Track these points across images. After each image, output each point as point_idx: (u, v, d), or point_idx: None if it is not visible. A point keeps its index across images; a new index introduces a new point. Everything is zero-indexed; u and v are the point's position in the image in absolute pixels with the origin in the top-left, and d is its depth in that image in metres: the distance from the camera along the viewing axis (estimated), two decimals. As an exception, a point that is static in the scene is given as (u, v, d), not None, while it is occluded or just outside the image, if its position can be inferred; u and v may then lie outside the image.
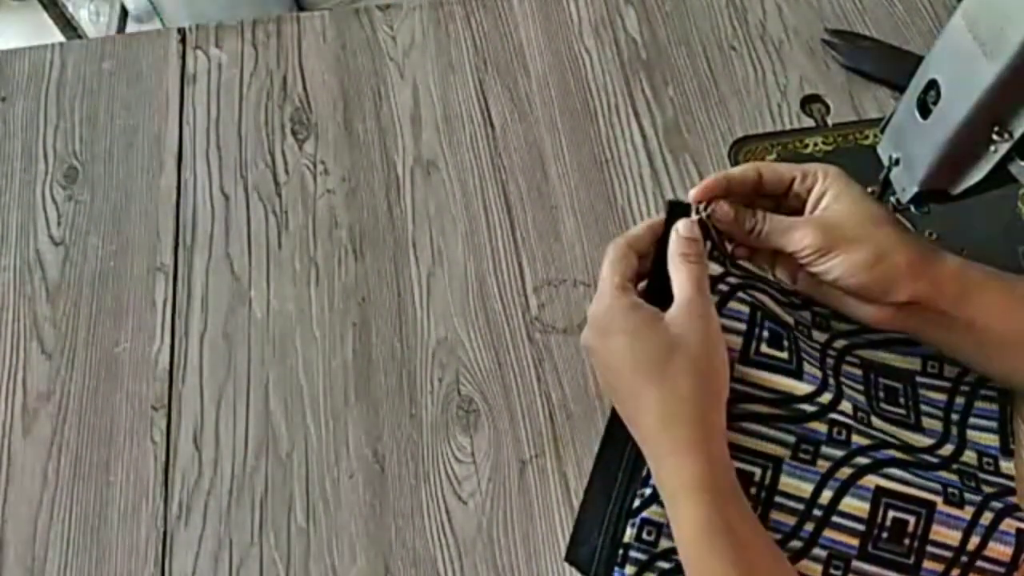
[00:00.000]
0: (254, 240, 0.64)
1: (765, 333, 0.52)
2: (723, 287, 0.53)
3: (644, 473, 0.51)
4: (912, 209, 0.54)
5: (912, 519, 0.49)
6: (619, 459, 0.52)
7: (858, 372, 0.54)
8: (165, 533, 0.54)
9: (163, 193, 0.66)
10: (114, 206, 0.65)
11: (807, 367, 0.52)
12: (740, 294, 0.53)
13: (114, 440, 0.57)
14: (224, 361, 0.59)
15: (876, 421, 0.52)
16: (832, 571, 0.49)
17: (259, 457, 0.56)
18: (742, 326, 0.52)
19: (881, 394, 0.54)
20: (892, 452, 0.51)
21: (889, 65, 0.68)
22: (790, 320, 0.54)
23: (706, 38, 0.71)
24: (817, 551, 0.49)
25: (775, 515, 0.50)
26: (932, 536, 0.49)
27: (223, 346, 0.60)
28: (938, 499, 0.49)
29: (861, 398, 0.53)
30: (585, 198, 0.64)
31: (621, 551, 0.50)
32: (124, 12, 1.68)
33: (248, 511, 0.54)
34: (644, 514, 0.50)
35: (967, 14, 0.45)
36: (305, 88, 0.70)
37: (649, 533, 0.50)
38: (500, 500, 0.54)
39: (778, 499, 0.50)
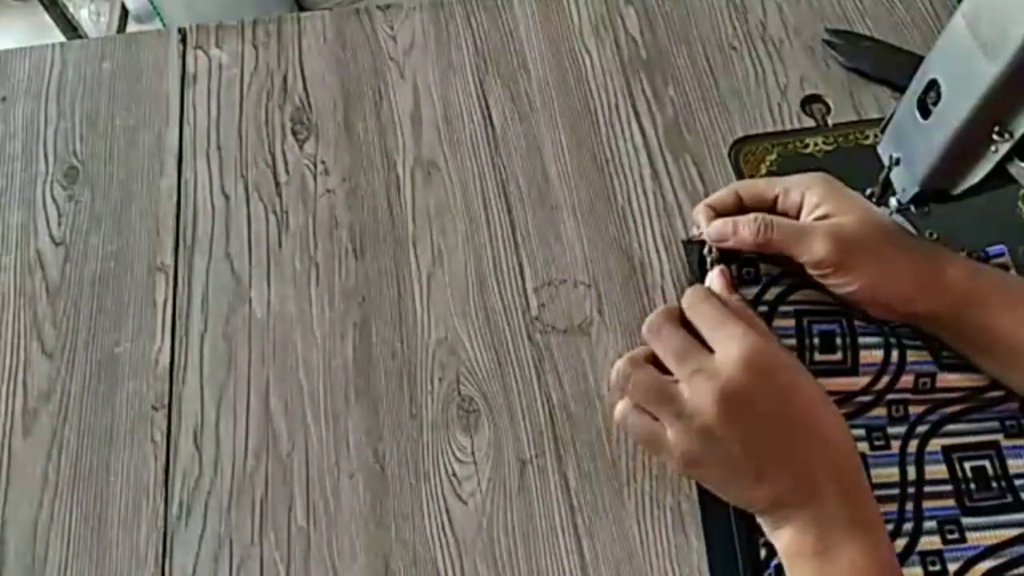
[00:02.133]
0: (254, 240, 0.64)
1: (816, 340, 0.53)
2: (763, 308, 0.55)
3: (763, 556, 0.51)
4: (912, 209, 0.54)
5: (987, 462, 0.52)
6: (728, 525, 0.51)
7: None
8: (165, 533, 0.54)
9: (163, 193, 0.66)
10: (114, 206, 0.65)
11: (863, 355, 0.53)
12: (782, 308, 0.54)
13: (114, 440, 0.57)
14: (224, 361, 0.59)
15: (941, 377, 0.53)
16: (948, 536, 0.51)
17: (259, 457, 0.56)
18: (792, 341, 0.54)
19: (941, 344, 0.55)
20: (946, 409, 0.53)
21: (889, 65, 0.68)
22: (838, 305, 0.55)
23: (706, 38, 0.71)
24: (928, 524, 0.51)
25: (881, 507, 0.51)
26: (1011, 471, 0.51)
27: (223, 346, 0.60)
28: (999, 436, 0.52)
29: (925, 355, 0.54)
30: (585, 198, 0.64)
31: None
32: (124, 12, 1.68)
33: (248, 511, 0.54)
34: (775, 561, 0.50)
35: (967, 14, 0.45)
36: (305, 88, 0.70)
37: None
38: (500, 500, 0.54)
39: (877, 492, 0.50)
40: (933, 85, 0.48)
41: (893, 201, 0.54)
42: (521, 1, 0.74)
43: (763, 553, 0.50)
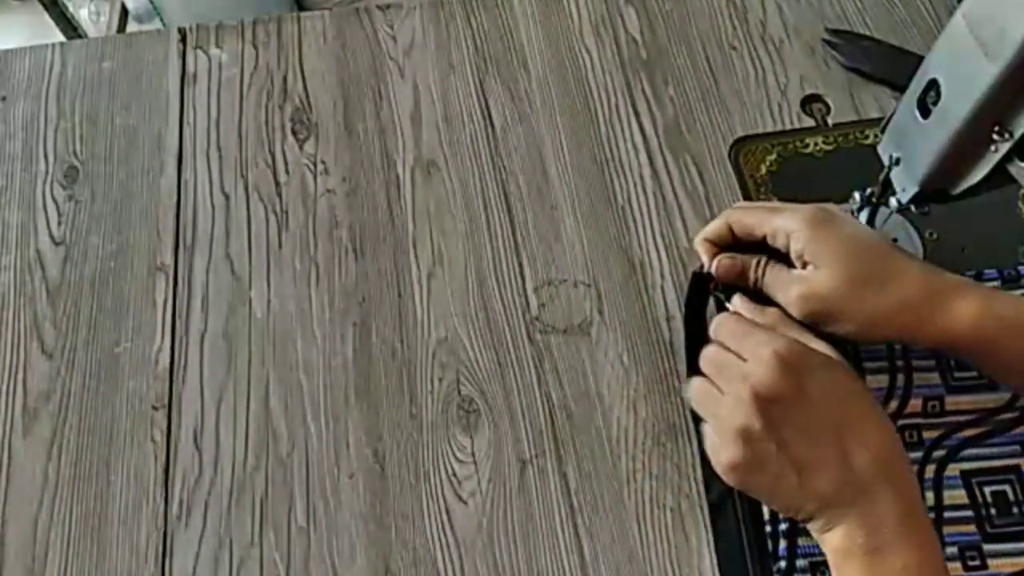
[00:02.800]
0: (254, 240, 0.64)
1: None
2: None
3: (771, 548, 0.51)
4: (912, 209, 0.54)
5: (1007, 487, 0.51)
6: (740, 550, 0.52)
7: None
8: (165, 533, 0.54)
9: (163, 193, 0.66)
10: (114, 206, 0.65)
11: (868, 380, 0.53)
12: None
13: (114, 440, 0.57)
14: (224, 361, 0.59)
15: (950, 400, 0.53)
16: (970, 563, 0.50)
17: (259, 457, 0.56)
18: None
19: (953, 363, 0.54)
20: (962, 434, 0.53)
21: (889, 65, 0.68)
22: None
23: (706, 38, 0.71)
24: (950, 550, 0.50)
25: None
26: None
27: (223, 346, 0.60)
28: (1020, 460, 0.52)
29: (934, 376, 0.54)
30: (585, 198, 0.64)
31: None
32: (124, 12, 1.67)
33: (248, 511, 0.54)
34: (783, 547, 0.50)
35: (967, 14, 0.45)
36: (305, 88, 0.70)
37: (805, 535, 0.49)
38: (500, 500, 0.54)
39: None
40: (933, 85, 0.48)
41: (893, 201, 0.54)
42: (521, 1, 0.74)
43: (770, 545, 0.50)
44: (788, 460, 0.44)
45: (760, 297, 0.52)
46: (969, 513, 0.51)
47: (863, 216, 0.58)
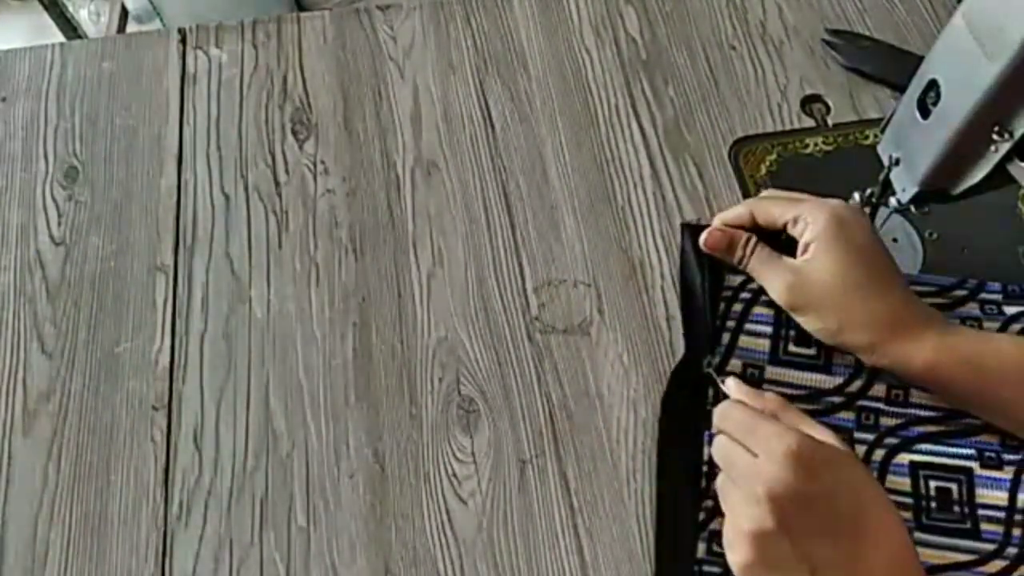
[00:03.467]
0: (254, 240, 0.64)
1: (792, 332, 0.54)
2: (746, 295, 0.55)
3: (703, 485, 0.51)
4: (912, 209, 0.54)
5: (954, 486, 0.51)
6: (682, 481, 0.52)
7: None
8: (165, 533, 0.54)
9: (163, 193, 0.66)
10: (114, 206, 0.65)
11: (837, 357, 0.53)
12: (764, 297, 0.54)
13: (114, 440, 0.57)
14: (224, 361, 0.59)
15: (915, 392, 0.53)
16: None
17: (259, 457, 0.56)
18: (768, 328, 0.54)
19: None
20: (921, 428, 0.52)
21: (889, 65, 0.68)
22: None
23: (706, 38, 0.71)
24: None
25: None
26: (978, 500, 0.50)
27: (223, 346, 0.60)
28: (975, 464, 0.51)
29: None
30: (585, 198, 0.64)
31: (696, 568, 0.50)
32: (124, 12, 1.67)
33: (248, 511, 0.54)
34: (712, 526, 0.50)
35: (967, 14, 0.45)
36: (305, 88, 0.70)
37: (719, 545, 0.48)
38: (500, 500, 0.54)
39: None
40: (933, 85, 0.48)
41: (893, 201, 0.54)
42: (521, 1, 0.74)
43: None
44: (803, 559, 0.43)
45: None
46: (909, 501, 0.50)
47: (863, 216, 0.58)
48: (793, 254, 0.53)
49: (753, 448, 0.45)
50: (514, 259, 0.62)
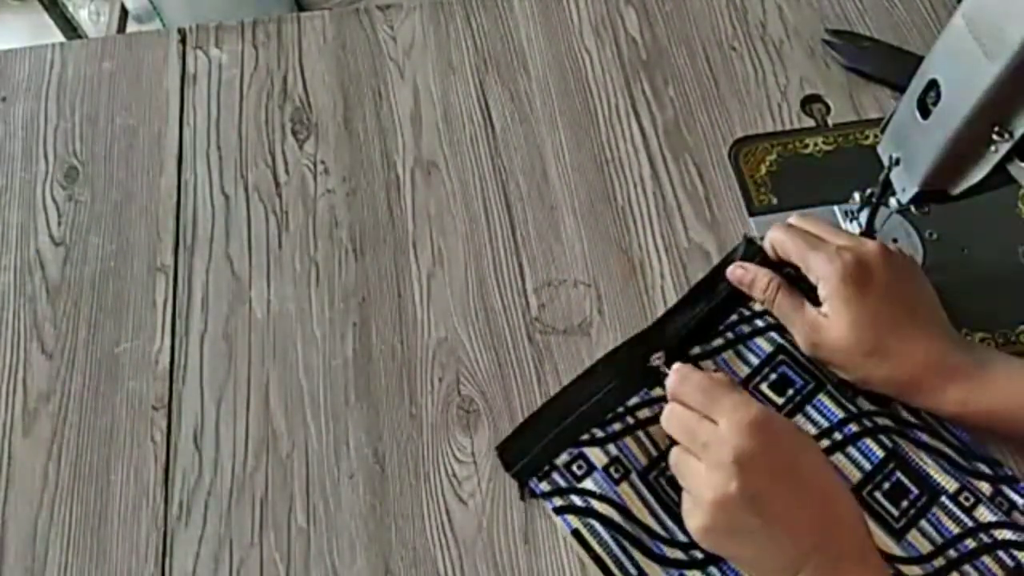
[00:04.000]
0: (254, 240, 0.64)
1: (773, 376, 0.54)
2: (760, 323, 0.56)
3: (607, 418, 0.53)
4: (912, 209, 0.54)
5: (915, 491, 0.51)
6: (590, 395, 0.54)
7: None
8: (165, 533, 0.54)
9: (163, 193, 0.66)
10: (114, 206, 0.65)
11: (810, 412, 0.53)
12: (773, 334, 0.55)
13: (114, 440, 0.57)
14: (224, 361, 0.59)
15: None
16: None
17: (259, 457, 0.56)
18: (755, 360, 0.55)
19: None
20: (921, 435, 0.52)
21: (889, 65, 0.68)
22: (828, 378, 0.54)
23: (706, 38, 0.71)
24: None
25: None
26: (930, 515, 0.50)
27: (223, 346, 0.60)
28: (948, 481, 0.50)
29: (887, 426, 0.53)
30: (585, 198, 0.64)
31: (547, 467, 0.52)
32: (124, 12, 1.67)
33: (248, 511, 0.54)
34: (585, 450, 0.52)
35: (967, 14, 0.45)
36: (305, 88, 0.70)
37: (580, 468, 0.52)
38: (500, 500, 0.54)
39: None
40: (933, 85, 0.48)
41: (893, 201, 0.54)
42: (521, 1, 0.74)
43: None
44: (763, 523, 0.44)
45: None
46: (867, 466, 0.51)
47: (863, 216, 0.58)
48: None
49: (715, 416, 0.46)
50: (514, 259, 0.62)
